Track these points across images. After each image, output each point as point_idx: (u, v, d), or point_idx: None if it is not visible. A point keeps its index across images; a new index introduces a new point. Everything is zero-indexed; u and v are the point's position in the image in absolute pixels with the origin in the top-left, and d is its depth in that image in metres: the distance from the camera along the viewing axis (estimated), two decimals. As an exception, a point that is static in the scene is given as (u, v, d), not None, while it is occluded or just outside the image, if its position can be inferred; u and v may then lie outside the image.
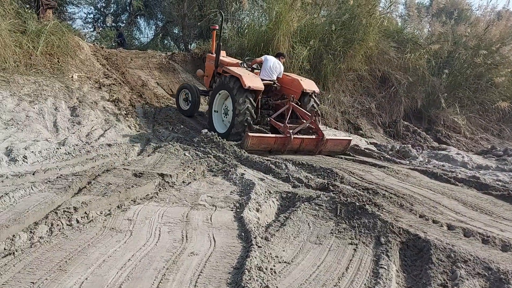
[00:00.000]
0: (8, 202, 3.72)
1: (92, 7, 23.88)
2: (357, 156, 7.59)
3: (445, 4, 16.10)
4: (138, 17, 24.11)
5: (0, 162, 4.94)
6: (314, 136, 7.61)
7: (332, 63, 12.66)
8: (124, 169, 5.22)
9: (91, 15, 24.22)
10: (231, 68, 8.11)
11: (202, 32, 17.18)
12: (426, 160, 8.35)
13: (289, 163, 6.05)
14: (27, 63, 8.83)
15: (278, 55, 8.81)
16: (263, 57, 8.55)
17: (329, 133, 9.06)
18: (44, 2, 10.93)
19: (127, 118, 8.49)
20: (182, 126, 8.82)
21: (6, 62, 8.21)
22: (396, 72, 13.86)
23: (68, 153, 5.73)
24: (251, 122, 7.69)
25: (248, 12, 15.10)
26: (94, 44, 13.83)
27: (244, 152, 6.61)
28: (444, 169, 7.15)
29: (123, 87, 10.47)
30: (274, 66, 8.38)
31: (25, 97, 7.55)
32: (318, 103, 8.57)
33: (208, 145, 7.06)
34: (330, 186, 4.81)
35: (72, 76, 9.51)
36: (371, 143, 10.46)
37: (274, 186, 4.93)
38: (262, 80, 8.01)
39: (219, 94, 8.30)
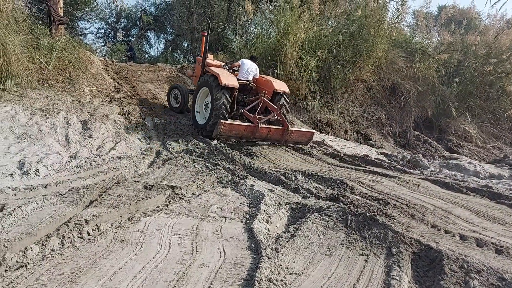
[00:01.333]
0: (20, 215, 3.76)
1: (103, 22, 24.37)
2: (367, 166, 7.53)
3: (454, 14, 16.10)
4: (148, 32, 24.50)
5: (13, 175, 5.01)
6: (280, 127, 8.54)
7: (341, 73, 12.70)
8: (135, 181, 5.26)
9: (102, 30, 24.71)
10: (212, 68, 9.20)
11: (211, 45, 17.34)
12: (438, 170, 8.27)
13: (299, 174, 6.03)
14: (39, 78, 8.99)
15: (252, 58, 9.79)
16: (240, 61, 9.61)
17: (295, 126, 10.14)
18: (56, 18, 11.16)
19: (137, 131, 8.56)
20: (191, 138, 8.88)
21: (19, 77, 8.37)
22: (405, 81, 13.85)
23: (80, 166, 5.79)
24: (226, 114, 8.52)
25: (256, 24, 15.26)
26: (105, 59, 14.05)
27: (253, 164, 6.62)
28: (455, 178, 7.07)
29: (134, 100, 10.59)
30: (250, 68, 9.38)
31: (38, 111, 7.67)
32: (288, 102, 9.41)
33: (218, 157, 7.08)
34: (340, 197, 4.77)
35: (84, 90, 9.65)
36: (381, 153, 10.40)
37: (283, 197, 4.92)
38: (239, 80, 9.02)
39: (202, 90, 9.26)
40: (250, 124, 8.29)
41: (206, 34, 10.03)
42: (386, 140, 12.89)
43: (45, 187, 4.75)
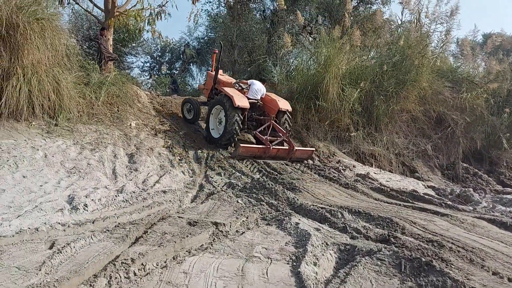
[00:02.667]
0: (69, 252, 3.80)
1: (148, 57, 25.36)
2: (416, 202, 7.20)
3: (502, 42, 15.57)
4: (191, 64, 25.25)
5: (62, 210, 5.13)
6: (286, 147, 10.06)
7: (385, 104, 12.45)
8: (179, 217, 5.25)
9: (148, 64, 25.71)
10: (226, 89, 10.51)
11: (252, 76, 17.60)
12: (491, 206, 7.79)
13: (345, 211, 5.83)
14: (89, 113, 9.38)
15: (261, 80, 11.52)
16: (250, 81, 11.05)
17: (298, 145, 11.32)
18: (106, 55, 11.70)
19: (180, 164, 8.66)
20: (233, 171, 8.87)
21: (70, 113, 8.75)
22: (452, 112, 13.39)
23: (126, 200, 5.88)
24: (238, 132, 10.05)
25: (296, 56, 15.36)
26: (150, 92, 14.52)
27: (297, 199, 6.49)
28: (513, 217, 6.61)
29: (177, 133, 10.79)
30: (258, 88, 10.78)
31: (87, 145, 7.94)
32: (291, 119, 11.00)
33: (260, 192, 7.00)
34: (391, 238, 4.54)
35: (130, 124, 9.95)
36: (428, 187, 9.97)
37: (331, 237, 4.74)
38: (249, 99, 10.37)
39: (216, 108, 10.56)
40: (262, 146, 9.71)
41: (217, 51, 11.37)
42: (433, 172, 12.38)
43: (93, 223, 4.82)
